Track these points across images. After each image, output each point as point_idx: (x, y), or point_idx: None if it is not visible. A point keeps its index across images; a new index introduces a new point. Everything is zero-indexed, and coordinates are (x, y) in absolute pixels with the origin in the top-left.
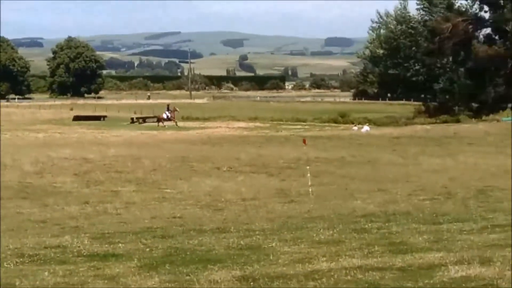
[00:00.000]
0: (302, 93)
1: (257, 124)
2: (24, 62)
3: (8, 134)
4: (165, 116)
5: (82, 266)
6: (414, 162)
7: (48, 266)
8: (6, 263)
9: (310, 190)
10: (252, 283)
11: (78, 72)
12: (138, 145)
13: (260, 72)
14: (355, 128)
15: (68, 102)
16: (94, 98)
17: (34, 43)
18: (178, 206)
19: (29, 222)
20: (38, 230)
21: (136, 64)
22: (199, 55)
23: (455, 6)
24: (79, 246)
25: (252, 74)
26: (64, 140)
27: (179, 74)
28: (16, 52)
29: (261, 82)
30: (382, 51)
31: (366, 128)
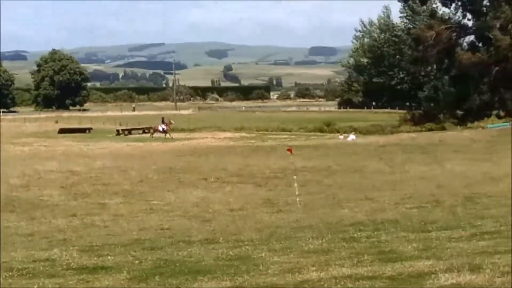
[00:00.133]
0: (287, 102)
1: (243, 134)
2: (8, 75)
3: None
4: (160, 128)
5: (72, 279)
6: (401, 170)
7: (37, 280)
8: None
9: (298, 199)
10: None
11: (63, 84)
12: (124, 157)
13: (245, 82)
14: (341, 137)
15: (53, 114)
16: (79, 110)
17: (18, 56)
18: (166, 218)
19: (17, 236)
20: (26, 243)
21: (120, 75)
22: (184, 66)
23: (438, 14)
24: (68, 259)
25: (237, 85)
26: (50, 153)
27: (164, 86)
28: (0, 65)
29: (246, 92)
30: (366, 60)
31: (352, 136)
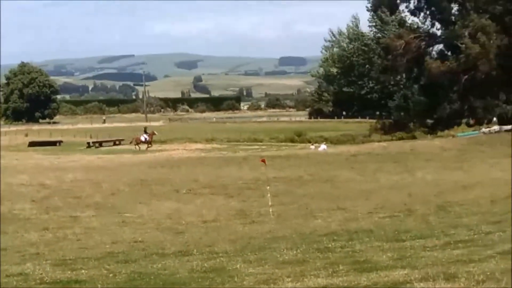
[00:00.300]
0: (258, 113)
1: (214, 145)
2: None
3: None
4: (143, 138)
5: None
6: (373, 179)
7: None
8: None
9: (271, 210)
10: None
11: (32, 97)
12: (96, 169)
13: (215, 93)
14: (312, 147)
15: (23, 128)
16: (49, 123)
17: None
18: (139, 230)
19: None
20: None
21: (90, 88)
22: (154, 78)
23: (407, 24)
24: (41, 274)
25: (207, 96)
26: (20, 166)
27: (134, 97)
28: None
29: (216, 103)
30: (336, 70)
31: (323, 146)
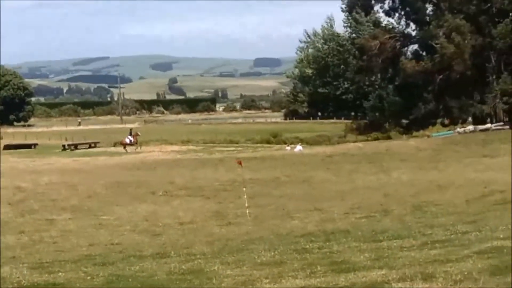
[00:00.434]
0: (234, 114)
1: (190, 147)
2: None
3: None
4: (127, 140)
5: None
6: (349, 179)
7: None
8: None
9: (247, 211)
10: None
11: (7, 100)
12: (72, 172)
13: (190, 94)
14: (288, 148)
15: None
16: (24, 126)
17: None
18: (116, 232)
19: None
20: None
21: (65, 90)
22: (129, 80)
23: (382, 24)
24: (19, 277)
25: (182, 97)
26: None
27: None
28: None
29: (192, 105)
30: (311, 71)
31: (299, 147)
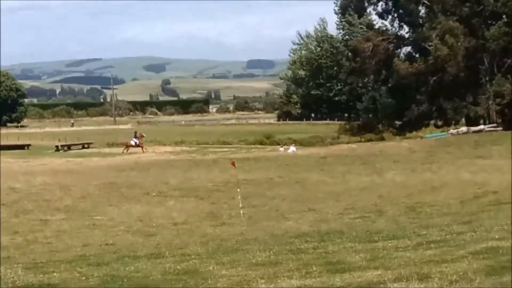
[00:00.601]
0: (227, 115)
1: (183, 148)
2: None
3: None
4: (133, 142)
5: None
6: (342, 180)
7: None
8: None
9: (242, 212)
10: None
11: (0, 101)
12: (65, 172)
13: (183, 96)
14: (282, 149)
15: None
16: (17, 127)
17: None
18: (110, 233)
19: None
20: None
21: (58, 91)
22: (122, 81)
23: (375, 26)
24: (13, 277)
25: (175, 98)
26: None
27: (102, 101)
28: None
29: (185, 106)
30: (304, 72)
31: (292, 148)
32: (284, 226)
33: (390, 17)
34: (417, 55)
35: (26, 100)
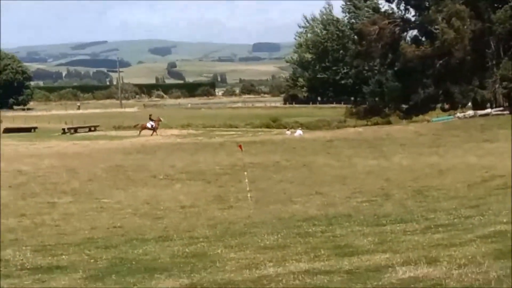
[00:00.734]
0: (233, 99)
1: (190, 131)
2: None
3: None
4: (149, 125)
5: (27, 279)
6: (349, 164)
7: None
8: None
9: (249, 195)
10: None
11: (6, 84)
12: (72, 155)
13: (189, 79)
14: (288, 132)
15: None
16: (23, 109)
17: None
18: (117, 216)
19: None
20: None
21: (64, 74)
22: (127, 64)
23: (381, 9)
24: (22, 259)
25: (181, 82)
26: None
27: (108, 84)
28: None
29: (191, 89)
30: (310, 56)
31: (299, 132)
32: (291, 210)
33: (396, 0)
34: (423, 39)
35: (32, 82)
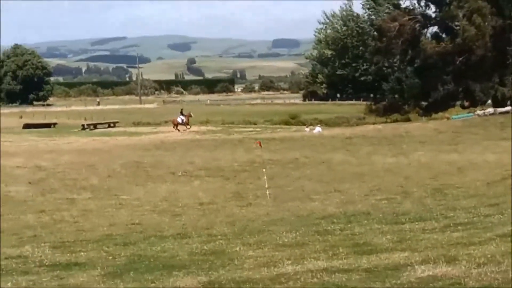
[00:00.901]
0: (252, 95)
1: (209, 127)
2: None
3: None
4: (179, 120)
5: (45, 276)
6: (368, 161)
7: (10, 277)
8: None
9: (268, 192)
10: None
11: (26, 79)
12: (91, 151)
13: (208, 75)
14: (307, 129)
15: (17, 110)
16: (43, 105)
17: None
18: (136, 212)
19: None
20: None
21: (83, 70)
22: (147, 60)
23: (402, 5)
24: (41, 256)
25: (201, 78)
26: (15, 148)
27: (128, 80)
28: None
29: (210, 86)
30: (330, 52)
31: (318, 129)
32: (309, 207)
33: None
34: (443, 35)
35: (52, 78)
